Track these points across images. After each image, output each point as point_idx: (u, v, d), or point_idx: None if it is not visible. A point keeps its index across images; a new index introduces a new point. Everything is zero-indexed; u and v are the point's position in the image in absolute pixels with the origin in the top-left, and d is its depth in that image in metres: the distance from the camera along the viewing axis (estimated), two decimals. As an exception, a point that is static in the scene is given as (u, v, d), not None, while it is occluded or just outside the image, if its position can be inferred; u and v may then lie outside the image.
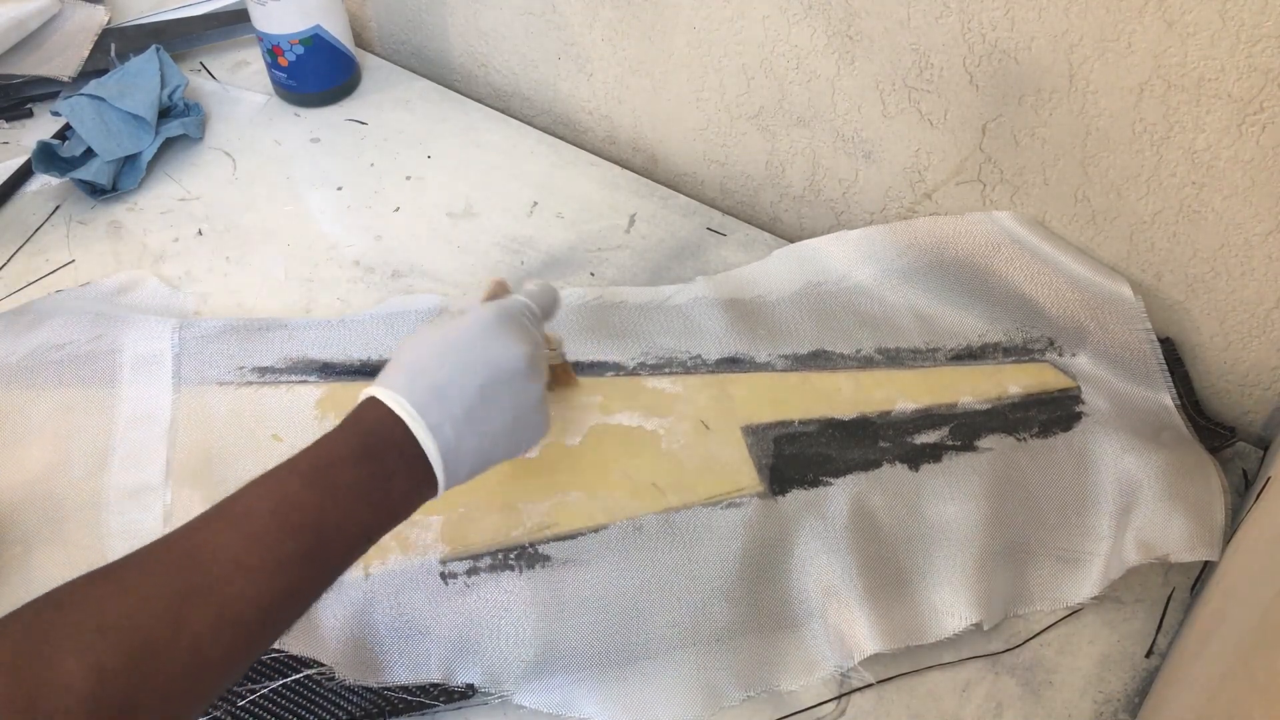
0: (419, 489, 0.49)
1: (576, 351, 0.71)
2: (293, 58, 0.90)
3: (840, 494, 0.63)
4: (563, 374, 0.67)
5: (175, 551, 0.42)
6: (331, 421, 0.68)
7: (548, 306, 0.59)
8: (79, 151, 0.83)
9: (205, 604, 0.41)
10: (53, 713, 0.36)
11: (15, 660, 0.37)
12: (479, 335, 0.52)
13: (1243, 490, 0.66)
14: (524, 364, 0.52)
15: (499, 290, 0.60)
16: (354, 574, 0.60)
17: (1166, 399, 0.68)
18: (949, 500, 0.63)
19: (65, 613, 0.39)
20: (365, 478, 0.47)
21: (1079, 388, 0.69)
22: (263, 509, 0.44)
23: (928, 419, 0.68)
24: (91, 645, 0.38)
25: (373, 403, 0.49)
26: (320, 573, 0.45)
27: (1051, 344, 0.72)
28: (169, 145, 0.88)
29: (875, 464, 0.65)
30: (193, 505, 0.63)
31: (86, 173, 0.82)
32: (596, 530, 0.62)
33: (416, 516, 0.62)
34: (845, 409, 0.69)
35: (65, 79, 0.91)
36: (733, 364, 0.71)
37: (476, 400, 0.50)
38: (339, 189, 0.87)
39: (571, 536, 0.62)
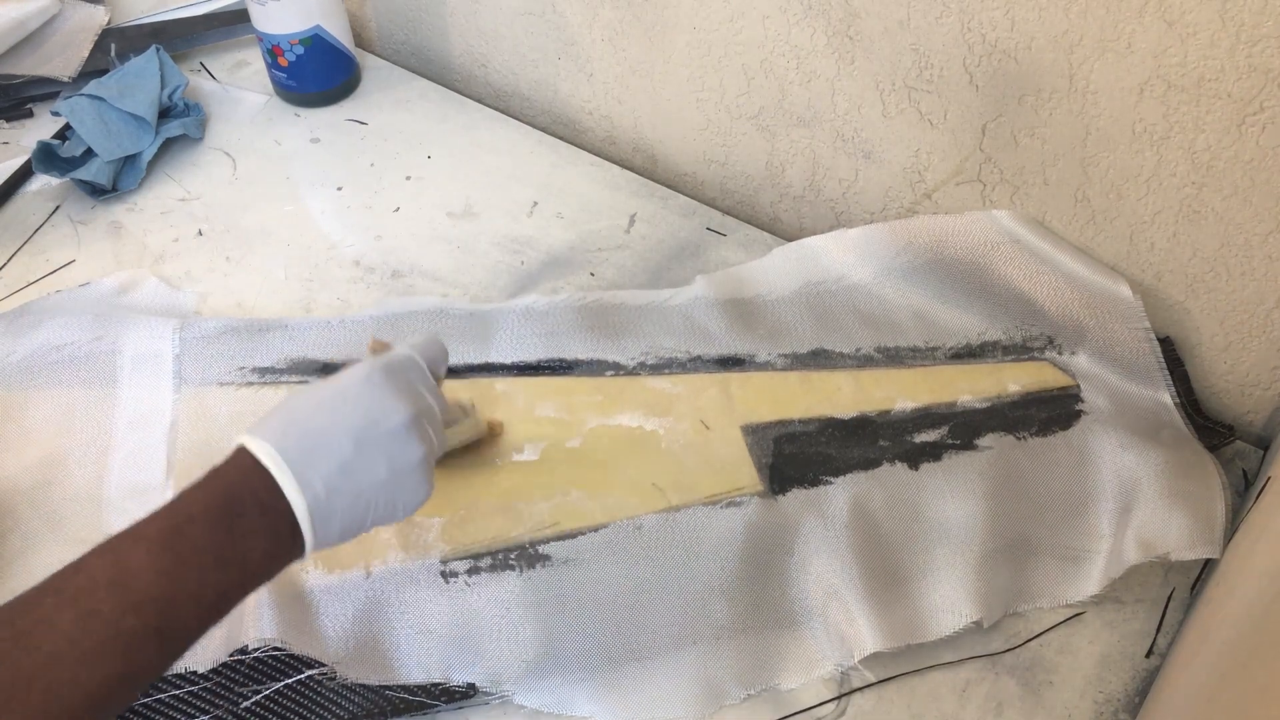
0: (284, 549, 0.46)
1: (576, 351, 0.71)
2: (293, 58, 0.90)
3: (840, 493, 0.63)
4: (490, 432, 0.66)
5: (6, 633, 0.39)
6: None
7: (435, 359, 0.55)
8: (79, 151, 0.83)
9: (30, 694, 0.37)
10: None
11: None
12: (359, 387, 0.49)
13: (1243, 490, 0.66)
14: (404, 420, 0.49)
15: (381, 348, 0.56)
16: (355, 574, 0.60)
17: (1166, 398, 0.68)
18: (949, 499, 0.63)
19: None
20: (221, 538, 0.43)
21: (1078, 386, 0.70)
22: (102, 581, 0.40)
23: (927, 418, 0.68)
24: None
25: (241, 452, 0.46)
26: (168, 647, 0.42)
27: (1051, 342, 0.72)
28: (169, 145, 0.88)
29: (875, 463, 0.66)
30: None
31: (86, 173, 0.82)
32: (596, 530, 0.62)
33: (417, 517, 0.62)
34: (845, 408, 0.69)
35: (65, 79, 0.91)
36: (732, 363, 0.71)
37: (351, 454, 0.47)
38: (339, 189, 0.87)
39: (572, 536, 0.62)
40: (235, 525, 0.44)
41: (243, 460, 0.46)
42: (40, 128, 0.91)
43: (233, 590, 0.44)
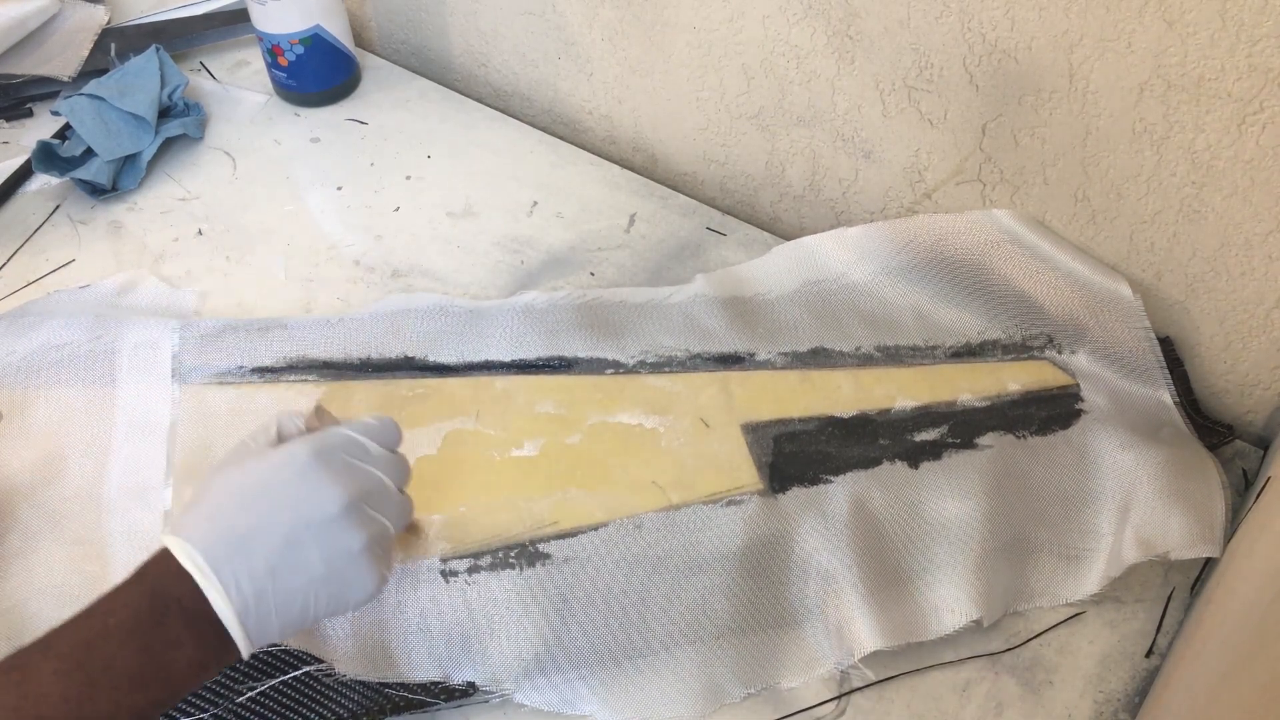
0: (213, 656, 0.43)
1: (576, 348, 0.71)
2: (293, 58, 0.90)
3: (840, 492, 0.63)
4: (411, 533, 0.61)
5: None
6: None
7: (380, 432, 0.51)
8: (79, 151, 0.83)
9: None
10: None
11: None
12: (288, 475, 0.46)
13: (1243, 490, 0.66)
14: (338, 509, 0.46)
15: (322, 419, 0.52)
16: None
17: (1166, 397, 0.68)
18: (949, 498, 0.63)
19: None
20: (139, 654, 0.41)
21: (1078, 385, 0.70)
22: (6, 705, 0.38)
23: (927, 416, 0.68)
24: None
25: (166, 554, 0.43)
26: None
27: (1051, 341, 0.72)
28: (169, 145, 0.88)
29: (875, 462, 0.65)
30: (193, 504, 0.63)
31: (86, 172, 0.82)
32: (596, 528, 0.62)
33: (417, 515, 0.62)
34: (845, 407, 0.69)
35: (65, 79, 0.91)
36: (732, 362, 0.71)
37: (281, 552, 0.44)
38: (339, 189, 0.87)
39: (572, 534, 0.62)
40: (155, 638, 0.41)
41: (167, 563, 0.43)
42: (40, 127, 0.91)
43: (152, 708, 0.42)
